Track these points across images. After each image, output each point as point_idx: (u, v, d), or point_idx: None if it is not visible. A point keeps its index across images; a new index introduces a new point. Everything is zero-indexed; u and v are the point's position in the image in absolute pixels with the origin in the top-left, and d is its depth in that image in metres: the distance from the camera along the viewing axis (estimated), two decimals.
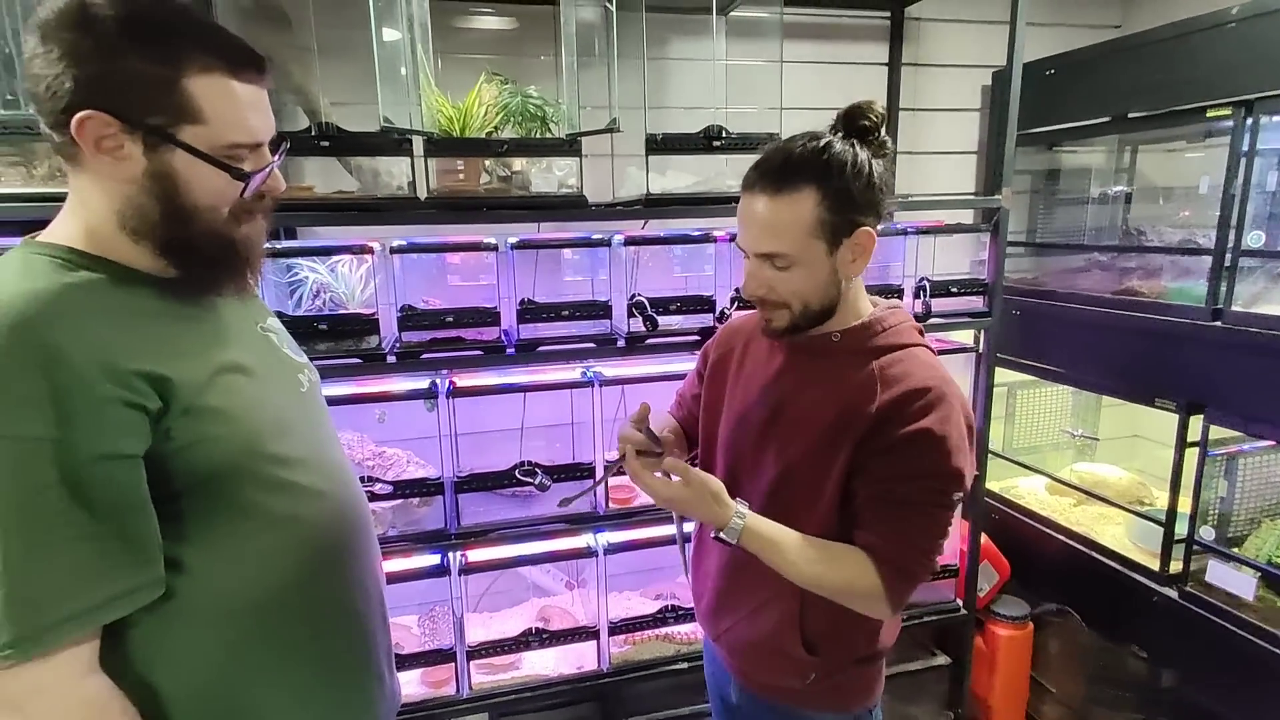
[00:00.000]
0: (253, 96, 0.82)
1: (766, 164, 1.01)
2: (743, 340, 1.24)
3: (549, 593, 2.20)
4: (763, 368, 1.17)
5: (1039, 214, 2.61)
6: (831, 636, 1.12)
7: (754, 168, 1.02)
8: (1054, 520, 2.32)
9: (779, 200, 0.99)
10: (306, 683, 0.90)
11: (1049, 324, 2.34)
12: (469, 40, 2.04)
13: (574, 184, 1.71)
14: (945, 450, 0.98)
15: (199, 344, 0.84)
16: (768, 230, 1.00)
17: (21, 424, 0.68)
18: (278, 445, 0.87)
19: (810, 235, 0.99)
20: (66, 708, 0.72)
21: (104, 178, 0.78)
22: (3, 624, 0.68)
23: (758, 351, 1.20)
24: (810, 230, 0.99)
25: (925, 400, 0.99)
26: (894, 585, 1.00)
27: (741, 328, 1.27)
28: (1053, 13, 2.50)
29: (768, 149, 1.04)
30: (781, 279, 1.03)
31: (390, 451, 1.87)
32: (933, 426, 0.98)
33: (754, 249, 1.03)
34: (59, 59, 0.73)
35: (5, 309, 0.70)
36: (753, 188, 1.02)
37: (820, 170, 0.97)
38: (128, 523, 0.74)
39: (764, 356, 1.18)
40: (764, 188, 1.00)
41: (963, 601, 2.20)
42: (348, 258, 1.68)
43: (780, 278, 1.03)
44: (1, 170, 1.45)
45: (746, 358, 1.21)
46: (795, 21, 2.27)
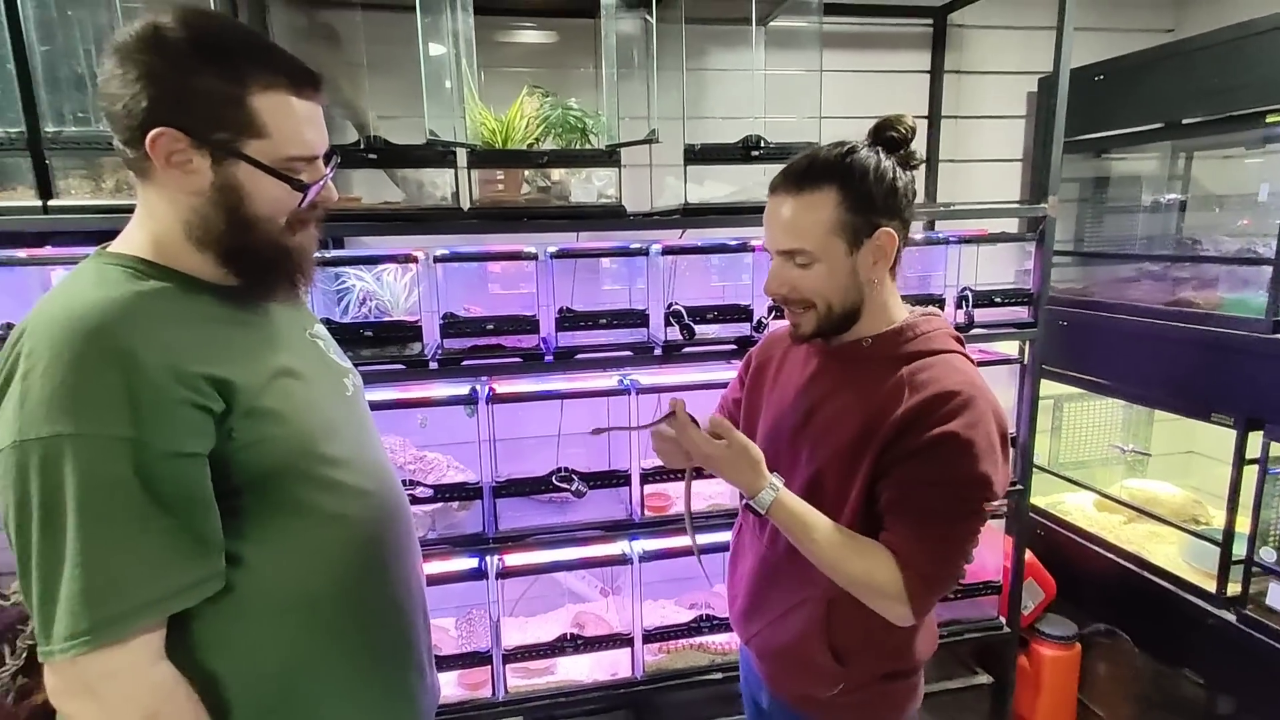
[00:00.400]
0: (310, 112, 0.86)
1: (792, 167, 1.05)
2: (783, 348, 1.27)
3: (584, 599, 2.21)
4: (798, 374, 1.19)
5: (1087, 222, 2.55)
6: (860, 648, 1.11)
7: (781, 172, 1.07)
8: (1103, 538, 2.25)
9: (801, 199, 1.02)
10: (355, 673, 0.93)
11: (1097, 335, 2.28)
12: (511, 54, 2.08)
13: (613, 194, 1.73)
14: (972, 455, 0.96)
15: (256, 349, 0.88)
16: (789, 228, 1.03)
17: (100, 423, 0.72)
18: (327, 446, 0.90)
19: (830, 233, 1.02)
20: (136, 692, 0.76)
21: (172, 190, 0.83)
22: (80, 611, 0.72)
23: (795, 358, 1.22)
24: (830, 229, 1.01)
25: (952, 404, 0.98)
26: (915, 590, 0.98)
27: (784, 336, 1.29)
28: (1101, 18, 2.45)
29: (796, 155, 1.07)
30: (803, 277, 1.05)
31: (431, 456, 1.91)
32: (959, 430, 0.96)
33: (776, 246, 1.07)
34: (135, 79, 0.77)
35: (83, 316, 0.74)
36: (777, 190, 1.06)
37: (842, 172, 1.01)
38: (195, 518, 0.78)
39: (800, 363, 1.20)
40: (788, 188, 1.04)
41: (1006, 619, 2.14)
42: (393, 266, 1.72)
43: (801, 275, 1.05)
44: (73, 184, 1.53)
45: (785, 364, 1.24)
46: (835, 31, 2.27)
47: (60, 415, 0.71)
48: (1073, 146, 2.19)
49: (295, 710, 0.89)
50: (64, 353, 0.72)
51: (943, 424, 0.97)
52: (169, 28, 0.78)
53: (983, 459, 0.97)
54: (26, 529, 0.72)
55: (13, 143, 1.48)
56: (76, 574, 0.72)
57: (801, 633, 1.13)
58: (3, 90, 1.47)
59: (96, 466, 0.72)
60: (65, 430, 0.71)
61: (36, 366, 0.72)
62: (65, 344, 0.72)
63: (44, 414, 0.71)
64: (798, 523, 1.03)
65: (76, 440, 0.71)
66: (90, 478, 0.72)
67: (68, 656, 0.72)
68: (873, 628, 1.07)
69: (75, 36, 1.51)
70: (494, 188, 1.70)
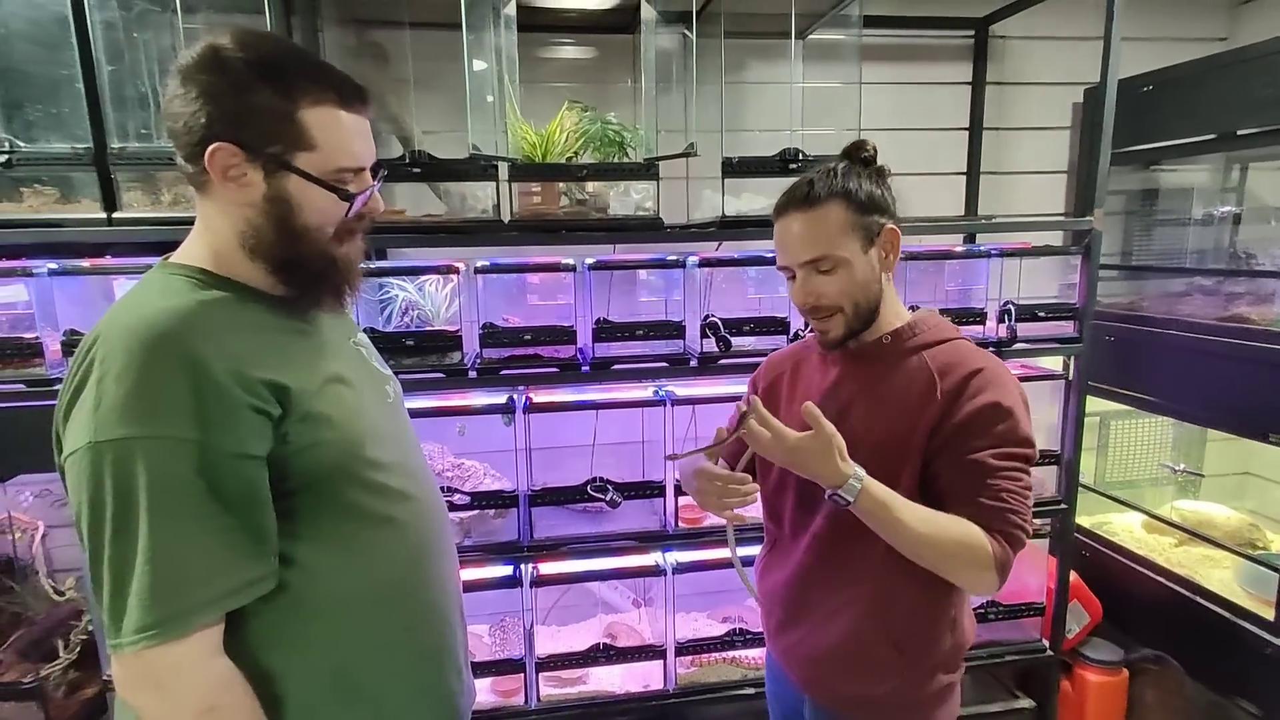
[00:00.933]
0: (358, 125, 0.90)
1: (795, 192, 1.13)
2: (790, 365, 1.30)
3: (616, 609, 2.21)
4: (818, 383, 1.22)
5: (1135, 235, 2.48)
6: (918, 635, 1.13)
7: (782, 197, 1.15)
8: (1152, 560, 2.17)
9: (812, 213, 1.11)
10: (399, 673, 0.95)
11: (1146, 351, 2.22)
12: (551, 69, 2.12)
13: (650, 206, 1.75)
14: (1014, 419, 1.06)
15: (309, 356, 0.92)
16: (808, 238, 1.11)
17: (169, 426, 0.75)
18: (374, 450, 0.93)
19: (845, 235, 1.10)
20: (197, 685, 0.79)
21: (228, 203, 0.87)
22: (149, 605, 0.75)
23: (809, 372, 1.26)
24: (844, 231, 1.10)
25: (983, 377, 1.08)
26: (999, 555, 1.02)
27: (785, 357, 1.34)
28: (1150, 27, 2.39)
29: (790, 189, 1.15)
30: (828, 282, 1.11)
31: (468, 463, 1.94)
32: (999, 399, 1.06)
33: (798, 259, 1.12)
34: (195, 98, 0.82)
35: (152, 324, 0.78)
36: (785, 211, 1.14)
37: (843, 186, 1.11)
38: (254, 518, 0.81)
39: (817, 373, 1.24)
40: (796, 207, 1.12)
41: (1049, 642, 2.08)
42: (435, 277, 1.76)
43: (827, 281, 1.11)
44: (133, 197, 1.60)
45: (799, 379, 1.27)
46: (874, 43, 2.26)
47: (131, 418, 0.74)
48: (1120, 158, 2.13)
49: (343, 706, 0.91)
50: (135, 359, 0.76)
51: (983, 394, 1.06)
52: (226, 49, 0.82)
53: (1022, 421, 1.06)
54: (99, 527, 0.75)
55: (80, 158, 1.55)
56: (145, 570, 0.75)
57: (853, 629, 1.14)
58: (72, 108, 1.55)
59: (165, 467, 0.75)
60: (136, 433, 0.74)
61: (110, 371, 0.76)
62: (136, 350, 0.76)
63: (116, 417, 0.74)
64: (885, 506, 1.02)
65: (146, 442, 0.74)
66: (159, 478, 0.75)
67: (135, 649, 0.75)
68: (930, 613, 1.13)
69: (140, 57, 1.58)
70: (533, 200, 1.73)
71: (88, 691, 1.84)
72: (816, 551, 1.17)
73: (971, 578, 1.04)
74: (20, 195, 1.57)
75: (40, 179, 1.57)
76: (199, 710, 0.79)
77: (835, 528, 1.13)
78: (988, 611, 2.04)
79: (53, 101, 1.55)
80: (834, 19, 1.93)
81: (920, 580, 1.08)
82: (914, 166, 2.35)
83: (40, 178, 1.57)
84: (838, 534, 1.13)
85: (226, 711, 0.81)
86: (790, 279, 1.17)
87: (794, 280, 1.16)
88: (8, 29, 1.52)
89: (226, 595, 0.79)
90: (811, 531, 1.17)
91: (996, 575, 1.03)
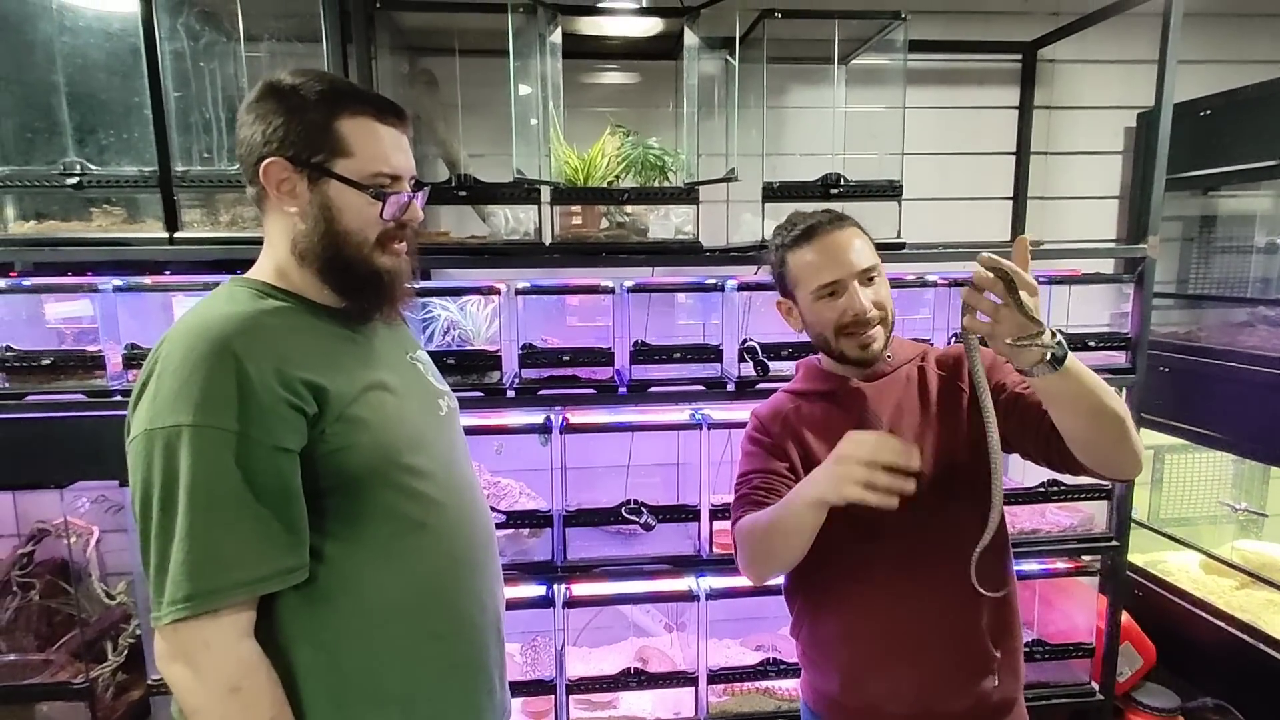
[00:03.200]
0: (394, 137, 0.97)
1: (829, 215, 1.20)
2: (792, 413, 1.25)
3: (647, 633, 2.19)
4: (838, 424, 1.15)
5: (1192, 263, 2.40)
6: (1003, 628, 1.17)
7: (815, 221, 1.19)
8: (1210, 603, 2.07)
9: (853, 228, 1.20)
10: (425, 682, 0.97)
11: (1204, 383, 2.13)
12: (594, 94, 2.16)
13: (690, 230, 1.75)
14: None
15: (354, 363, 0.96)
16: (863, 248, 1.17)
17: (213, 416, 0.81)
18: (412, 457, 0.96)
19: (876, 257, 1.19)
20: (224, 663, 0.83)
21: (281, 215, 0.95)
22: (183, 580, 0.80)
23: (826, 417, 1.22)
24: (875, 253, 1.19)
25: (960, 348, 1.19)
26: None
27: (781, 408, 1.27)
28: (1207, 50, 2.33)
29: (803, 219, 1.21)
30: (880, 290, 1.18)
31: (505, 482, 1.96)
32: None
33: (857, 267, 1.15)
34: (253, 123, 0.92)
35: (209, 326, 0.85)
36: (831, 228, 1.18)
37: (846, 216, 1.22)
38: (286, 510, 0.86)
39: (839, 414, 1.21)
40: (839, 224, 1.19)
41: (1099, 685, 1.99)
42: (476, 297, 1.79)
43: (877, 290, 1.17)
44: (194, 218, 1.67)
45: (819, 426, 1.22)
46: (918, 67, 2.24)
47: (181, 407, 0.81)
48: (1175, 183, 2.07)
49: (364, 707, 0.93)
50: (189, 356, 0.83)
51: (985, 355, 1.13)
52: (279, 80, 0.93)
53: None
54: (149, 507, 0.82)
55: (145, 180, 1.63)
56: (184, 547, 0.80)
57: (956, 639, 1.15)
58: (140, 133, 1.63)
59: (207, 455, 0.81)
60: (185, 421, 0.80)
61: (169, 368, 0.83)
62: (191, 349, 0.83)
63: (170, 407, 0.81)
64: (1087, 373, 0.95)
65: (192, 430, 0.80)
66: (201, 464, 0.80)
67: (169, 621, 0.80)
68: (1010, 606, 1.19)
69: (204, 85, 1.66)
70: (573, 222, 1.75)
71: (134, 694, 1.90)
72: (904, 574, 1.14)
73: (1134, 446, 1.01)
74: (90, 215, 1.66)
75: (109, 200, 1.66)
76: (225, 688, 0.82)
77: (913, 546, 1.13)
78: (1034, 650, 1.97)
79: (123, 127, 1.63)
80: (878, 44, 1.93)
81: (996, 577, 1.12)
82: (958, 191, 2.32)
83: (109, 199, 1.65)
84: (917, 551, 1.13)
85: (250, 694, 0.84)
86: (828, 295, 1.17)
87: (834, 296, 1.16)
88: (86, 59, 1.61)
89: (259, 580, 0.84)
90: (887, 559, 1.14)
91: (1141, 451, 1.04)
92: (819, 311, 1.18)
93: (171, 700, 0.89)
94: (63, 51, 1.60)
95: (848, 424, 1.16)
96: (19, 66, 1.62)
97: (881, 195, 1.79)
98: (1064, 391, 0.96)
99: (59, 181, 1.60)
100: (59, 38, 1.59)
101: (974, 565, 1.08)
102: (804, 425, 1.23)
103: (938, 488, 1.13)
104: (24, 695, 1.79)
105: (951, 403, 1.19)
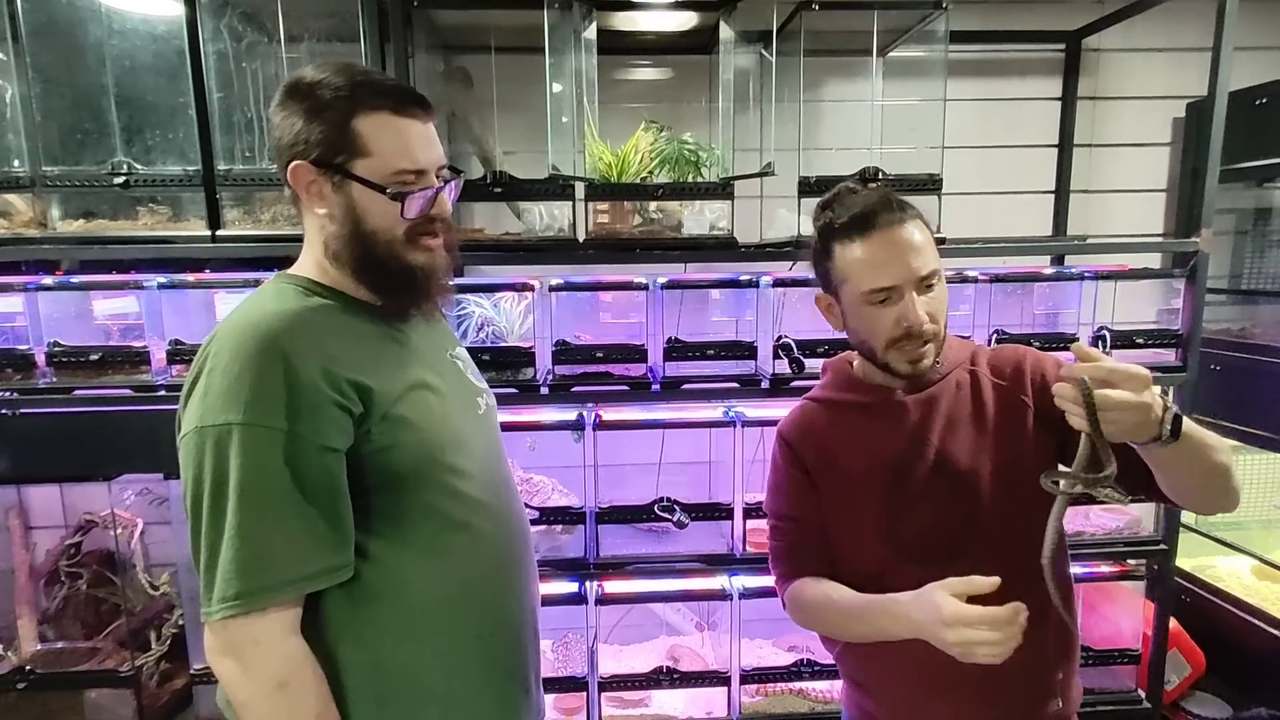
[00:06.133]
0: (416, 130, 0.94)
1: (886, 202, 1.04)
2: (821, 426, 1.15)
3: (679, 631, 2.18)
4: (895, 434, 1.08)
5: (1245, 257, 2.31)
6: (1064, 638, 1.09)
7: (872, 209, 1.03)
8: (1263, 610, 2.00)
9: (913, 224, 1.03)
10: (466, 678, 0.97)
11: (1260, 381, 2.05)
12: (628, 90, 2.15)
13: (725, 226, 1.74)
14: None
15: (398, 362, 0.96)
16: (921, 251, 1.02)
17: (262, 415, 0.81)
18: (455, 457, 0.96)
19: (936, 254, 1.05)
20: (272, 659, 0.83)
21: (315, 216, 0.94)
22: (232, 578, 0.81)
23: (864, 430, 1.11)
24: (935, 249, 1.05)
25: (1019, 353, 1.11)
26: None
27: (810, 423, 1.17)
28: (1264, 36, 2.24)
29: (857, 202, 1.06)
30: (938, 299, 1.04)
31: (538, 479, 1.96)
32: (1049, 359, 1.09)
33: (917, 273, 1.01)
34: (280, 124, 0.92)
35: (258, 324, 0.85)
36: (889, 222, 1.02)
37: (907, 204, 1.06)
38: (333, 508, 0.86)
39: (879, 426, 1.10)
40: (899, 217, 1.02)
41: (1145, 693, 1.93)
42: (510, 294, 1.80)
43: (937, 299, 1.04)
44: (236, 216, 1.70)
45: (856, 439, 1.11)
46: (957, 58, 2.20)
47: (232, 406, 0.81)
48: (1228, 175, 2.00)
49: (407, 706, 0.93)
50: (239, 354, 0.83)
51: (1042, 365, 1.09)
52: (300, 79, 0.91)
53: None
54: (199, 504, 0.82)
55: (189, 179, 1.66)
56: (232, 546, 0.81)
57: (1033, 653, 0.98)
58: (185, 133, 1.66)
59: (256, 453, 0.81)
60: (235, 420, 0.81)
61: (219, 365, 0.83)
62: (241, 347, 0.83)
63: (220, 405, 0.82)
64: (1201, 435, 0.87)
65: (243, 429, 0.81)
66: (250, 462, 0.81)
67: (219, 618, 0.81)
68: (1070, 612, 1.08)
69: (246, 85, 1.69)
70: (606, 219, 1.74)
71: (177, 683, 1.94)
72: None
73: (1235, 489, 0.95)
74: (136, 214, 1.70)
75: (155, 199, 1.69)
76: (272, 684, 0.83)
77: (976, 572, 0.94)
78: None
79: (169, 127, 1.67)
80: (917, 35, 1.89)
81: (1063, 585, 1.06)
82: (999, 185, 2.27)
83: (154, 198, 1.69)
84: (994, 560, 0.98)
85: (297, 689, 0.84)
86: (881, 302, 1.02)
87: (887, 304, 1.02)
88: (134, 61, 1.65)
89: (305, 578, 0.84)
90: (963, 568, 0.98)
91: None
92: (867, 317, 1.04)
93: (218, 689, 0.91)
94: (111, 54, 1.63)
95: (887, 442, 1.08)
96: (70, 70, 1.66)
97: (921, 189, 1.76)
98: (1176, 461, 0.89)
99: (107, 181, 1.63)
100: (108, 41, 1.63)
101: (1048, 574, 0.94)
102: (835, 441, 1.12)
103: (1000, 510, 1.03)
104: (72, 682, 1.84)
105: (1014, 421, 1.06)
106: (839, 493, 1.12)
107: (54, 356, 1.68)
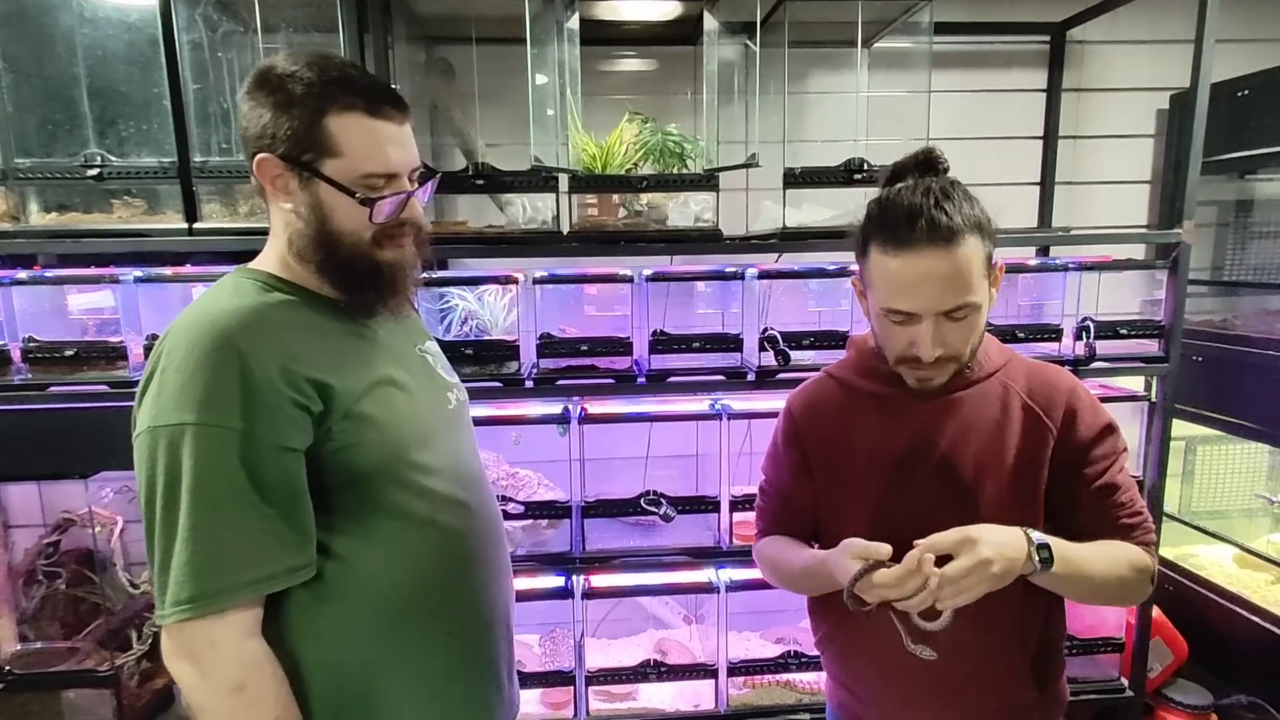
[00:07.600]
0: (390, 132, 0.91)
1: (930, 221, 0.93)
2: (831, 410, 1.13)
3: (666, 624, 2.18)
4: (896, 430, 1.07)
5: (1228, 249, 2.33)
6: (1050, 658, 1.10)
7: (917, 224, 0.93)
8: (1244, 598, 2.02)
9: (958, 252, 0.93)
10: (432, 678, 0.96)
11: (1240, 372, 2.07)
12: (612, 81, 2.13)
13: (710, 218, 1.73)
14: (1119, 431, 1.06)
15: (362, 359, 0.94)
16: (952, 284, 0.94)
17: (217, 415, 0.79)
18: (420, 454, 0.95)
19: (980, 276, 0.97)
20: (229, 662, 0.82)
21: (280, 210, 0.92)
22: (185, 581, 0.79)
23: (869, 419, 1.09)
24: (980, 270, 0.97)
25: (1078, 396, 1.05)
26: (1152, 563, 1.02)
27: (819, 401, 1.15)
28: (1245, 28, 2.25)
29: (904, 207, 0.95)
30: (960, 330, 0.98)
31: (523, 473, 1.95)
32: (1109, 418, 1.05)
33: (940, 307, 0.95)
34: (248, 114, 0.89)
35: (213, 321, 0.83)
36: (921, 247, 0.93)
37: (977, 216, 0.97)
38: (292, 509, 0.84)
39: (885, 419, 1.08)
40: (937, 243, 0.93)
41: (1129, 681, 1.95)
42: (494, 287, 1.78)
43: (959, 329, 0.97)
44: (213, 209, 1.67)
45: (856, 428, 1.10)
46: (942, 50, 2.20)
47: (185, 406, 0.79)
48: (1210, 167, 2.01)
49: (372, 706, 0.92)
50: (193, 352, 0.81)
51: (1094, 416, 1.04)
52: (271, 68, 0.88)
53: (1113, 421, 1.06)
54: (153, 505, 0.80)
55: (165, 172, 1.63)
56: (187, 548, 0.79)
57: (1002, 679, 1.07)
58: (160, 124, 1.63)
59: (210, 453, 0.79)
60: (189, 420, 0.79)
61: (172, 363, 0.81)
62: (195, 344, 0.81)
63: (173, 404, 0.80)
64: (1078, 566, 0.94)
65: (196, 429, 0.79)
66: (204, 463, 0.79)
67: (173, 621, 0.79)
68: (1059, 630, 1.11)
69: (222, 75, 1.66)
70: (591, 211, 1.73)
71: (158, 683, 1.92)
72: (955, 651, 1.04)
73: (1138, 595, 1.03)
74: (111, 206, 1.66)
75: (129, 191, 1.66)
76: (229, 687, 0.81)
77: None
78: None
79: (143, 118, 1.63)
80: (902, 26, 1.88)
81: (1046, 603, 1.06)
82: (983, 176, 2.26)
83: (129, 190, 1.66)
84: None
85: (254, 692, 0.83)
86: (900, 322, 0.98)
87: (905, 324, 0.98)
88: (106, 51, 1.61)
89: (264, 580, 0.82)
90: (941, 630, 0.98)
91: (1150, 584, 1.03)
92: (883, 328, 1.02)
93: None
94: (83, 44, 1.60)
95: (894, 440, 1.07)
96: (40, 59, 1.62)
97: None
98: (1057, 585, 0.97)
99: (80, 173, 1.60)
100: (79, 30, 1.59)
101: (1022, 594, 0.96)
102: (841, 429, 1.11)
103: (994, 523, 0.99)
104: (51, 682, 1.82)
105: (1033, 444, 1.03)
106: (836, 482, 1.12)
107: (29, 352, 1.65)
